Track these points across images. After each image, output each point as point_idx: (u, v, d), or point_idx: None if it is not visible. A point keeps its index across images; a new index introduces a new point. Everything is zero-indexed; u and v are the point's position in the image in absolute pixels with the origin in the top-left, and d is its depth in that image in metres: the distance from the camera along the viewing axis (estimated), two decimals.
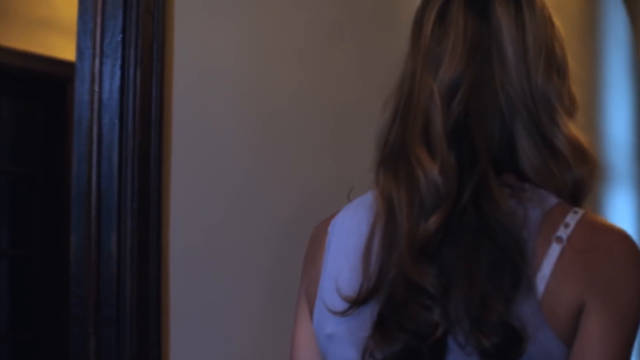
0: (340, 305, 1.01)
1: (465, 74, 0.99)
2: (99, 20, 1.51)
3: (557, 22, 1.07)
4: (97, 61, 1.50)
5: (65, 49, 3.34)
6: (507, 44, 1.00)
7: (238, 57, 1.74)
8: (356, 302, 0.99)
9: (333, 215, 1.12)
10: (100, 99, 1.49)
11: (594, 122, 4.48)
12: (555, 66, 1.03)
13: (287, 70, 1.89)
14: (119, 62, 1.49)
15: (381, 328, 0.95)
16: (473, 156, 0.96)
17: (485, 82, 0.99)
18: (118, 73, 1.49)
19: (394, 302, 0.95)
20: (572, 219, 0.95)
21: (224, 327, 1.69)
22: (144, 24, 1.52)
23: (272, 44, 1.84)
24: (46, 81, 3.57)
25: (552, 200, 0.98)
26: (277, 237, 1.84)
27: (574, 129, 1.02)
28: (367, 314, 0.98)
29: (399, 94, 1.04)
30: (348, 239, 1.06)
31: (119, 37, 1.50)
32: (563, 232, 0.94)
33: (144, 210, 1.48)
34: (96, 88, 1.50)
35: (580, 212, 0.97)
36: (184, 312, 1.58)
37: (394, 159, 1.01)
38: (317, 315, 1.07)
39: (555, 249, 0.93)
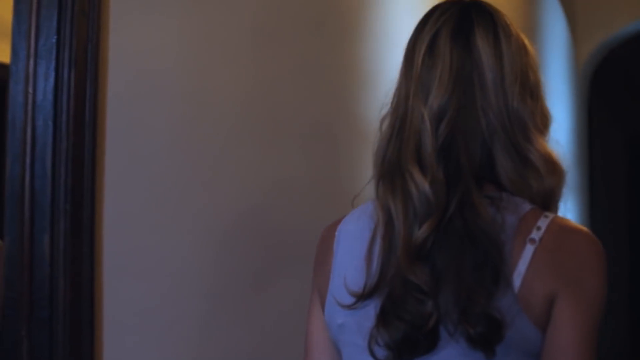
0: (348, 300, 1.18)
1: (451, 101, 1.16)
2: (33, 22, 1.50)
3: (531, 48, 1.24)
4: (31, 62, 1.50)
5: (1, 51, 3.30)
6: (487, 73, 1.17)
7: (172, 59, 1.75)
8: (361, 297, 1.16)
9: (338, 222, 1.30)
10: (34, 101, 1.48)
11: None
12: (528, 90, 1.20)
13: (222, 71, 1.90)
14: (53, 63, 1.49)
15: (383, 319, 1.13)
16: (458, 172, 1.14)
17: (469, 107, 1.17)
18: (52, 74, 1.49)
19: (393, 297, 1.13)
20: (543, 222, 1.13)
21: (158, 330, 1.69)
22: (79, 25, 1.52)
23: (206, 45, 1.85)
24: None
25: (526, 206, 1.15)
26: (215, 241, 1.85)
27: (545, 144, 1.20)
28: (372, 307, 1.16)
29: (394, 116, 1.21)
30: (353, 243, 1.23)
31: (54, 39, 1.50)
32: (536, 235, 1.12)
33: (77, 212, 1.48)
34: (30, 89, 1.49)
35: (551, 216, 1.14)
36: (117, 314, 1.58)
37: (391, 174, 1.17)
38: (328, 308, 1.24)
39: (529, 250, 1.11)
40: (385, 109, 1.24)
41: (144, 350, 1.65)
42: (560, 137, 1.26)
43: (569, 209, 4.77)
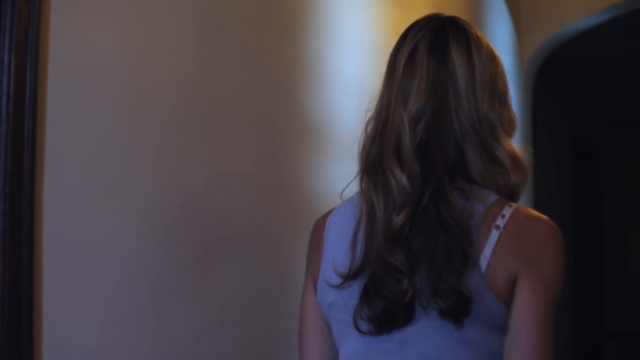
0: (336, 281, 1.33)
1: (428, 106, 1.31)
2: None
3: (499, 59, 1.40)
4: None
5: None
6: (460, 81, 1.33)
7: (114, 44, 1.75)
8: (347, 278, 1.31)
9: (328, 214, 1.45)
10: None
11: None
12: (497, 96, 1.36)
13: (164, 60, 1.90)
14: None
15: (366, 296, 1.28)
16: (433, 167, 1.29)
17: (443, 111, 1.32)
18: None
19: (374, 277, 1.28)
20: (507, 211, 1.28)
21: (98, 316, 1.68)
22: (19, 10, 1.52)
23: (149, 31, 1.85)
24: None
25: (493, 197, 1.30)
26: (157, 227, 1.85)
27: (511, 144, 1.36)
28: (356, 287, 1.30)
29: (377, 119, 1.36)
30: (341, 230, 1.38)
31: None
32: (500, 222, 1.27)
33: (16, 195, 1.47)
34: None
35: (515, 205, 1.29)
36: (57, 299, 1.57)
37: (374, 170, 1.32)
38: (320, 289, 1.39)
39: (494, 235, 1.26)
40: (370, 113, 1.38)
41: (84, 336, 1.65)
42: None
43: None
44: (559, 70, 5.94)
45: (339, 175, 1.97)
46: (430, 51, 1.35)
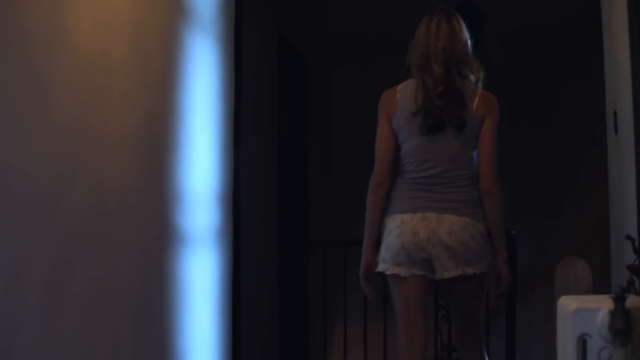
0: (408, 114, 3.42)
1: (447, 42, 3.44)
2: None
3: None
4: None
5: None
6: (459, 34, 3.47)
7: None
8: (415, 112, 3.40)
9: (396, 87, 3.51)
10: None
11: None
12: (467, 44, 3.51)
13: None
14: None
15: (425, 118, 3.38)
16: (450, 69, 3.41)
17: (455, 46, 3.44)
18: None
19: (429, 110, 3.38)
20: (479, 90, 3.50)
21: None
22: None
23: None
24: None
25: (472, 84, 3.50)
26: None
27: (478, 66, 3.53)
28: (418, 117, 3.40)
29: (420, 48, 3.50)
30: (408, 95, 3.44)
31: None
32: (478, 92, 3.47)
33: None
34: None
35: (480, 87, 3.48)
36: None
37: (422, 68, 3.44)
38: (396, 118, 3.45)
39: (476, 98, 3.44)
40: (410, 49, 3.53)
41: None
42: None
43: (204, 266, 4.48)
44: None
45: None
46: (446, 21, 3.47)
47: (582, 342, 2.23)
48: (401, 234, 3.31)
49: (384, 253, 3.38)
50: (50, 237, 2.98)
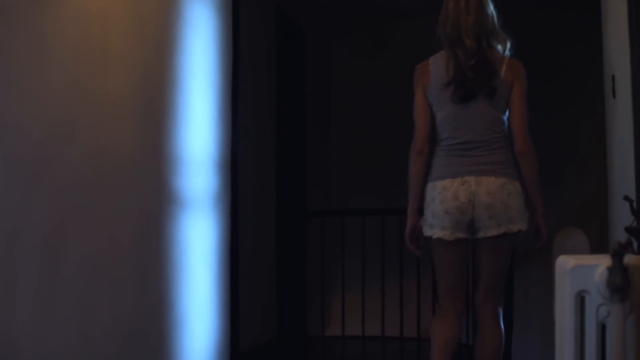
0: (441, 85, 3.48)
1: (477, 17, 3.48)
2: None
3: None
4: None
5: None
6: (486, 9, 3.52)
7: None
8: (447, 84, 3.47)
9: (427, 60, 3.57)
10: None
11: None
12: (493, 18, 3.55)
13: None
14: None
15: (457, 87, 3.45)
16: (481, 42, 3.47)
17: (484, 21, 3.49)
18: None
19: (461, 81, 3.45)
20: (506, 58, 3.53)
21: None
22: None
23: None
24: None
25: (500, 53, 3.54)
26: None
27: (502, 34, 3.56)
28: (451, 88, 3.46)
29: (450, 21, 3.52)
30: (440, 67, 3.51)
31: None
32: (506, 61, 3.53)
33: None
34: None
35: (508, 55, 3.55)
36: None
37: (453, 41, 3.48)
38: (430, 90, 3.51)
39: (504, 65, 3.49)
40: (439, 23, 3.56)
41: None
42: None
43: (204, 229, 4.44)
44: None
45: None
46: None
47: (580, 299, 2.22)
48: (444, 200, 3.46)
49: (430, 219, 3.52)
50: (49, 197, 2.97)
